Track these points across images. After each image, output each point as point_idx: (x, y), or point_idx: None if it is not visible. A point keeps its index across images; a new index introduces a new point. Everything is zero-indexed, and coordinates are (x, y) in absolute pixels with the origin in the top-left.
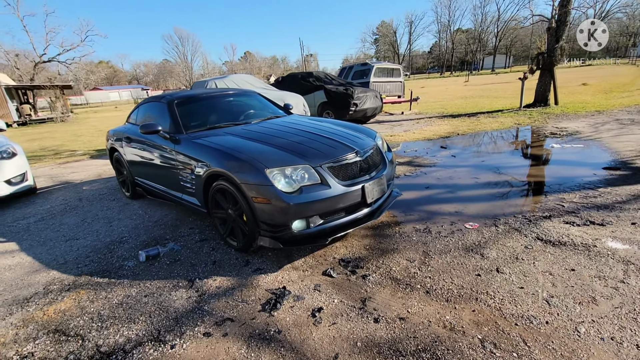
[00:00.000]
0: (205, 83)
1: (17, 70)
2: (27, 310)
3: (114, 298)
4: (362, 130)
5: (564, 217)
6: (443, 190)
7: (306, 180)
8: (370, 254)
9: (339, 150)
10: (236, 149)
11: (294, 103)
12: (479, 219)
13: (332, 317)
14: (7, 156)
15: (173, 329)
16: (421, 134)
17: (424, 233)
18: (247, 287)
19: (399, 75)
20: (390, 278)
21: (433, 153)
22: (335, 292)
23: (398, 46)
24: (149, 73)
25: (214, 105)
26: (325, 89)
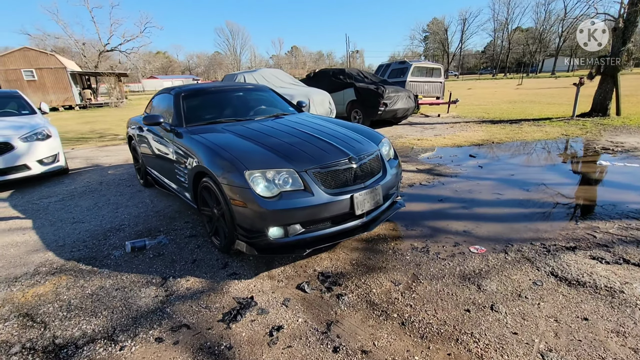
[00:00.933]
0: (235, 76)
1: (84, 58)
2: (11, 290)
3: (88, 288)
4: (367, 134)
5: (592, 250)
6: (457, 205)
7: (289, 185)
8: (354, 270)
9: (331, 155)
10: (224, 147)
11: (319, 100)
12: (488, 242)
13: (289, 339)
14: (41, 137)
15: (129, 329)
16: (452, 140)
17: (421, 252)
18: (216, 292)
19: (439, 76)
20: (367, 301)
21: (458, 162)
22: (303, 310)
23: (448, 45)
24: (200, 64)
25: (221, 99)
26: (355, 86)
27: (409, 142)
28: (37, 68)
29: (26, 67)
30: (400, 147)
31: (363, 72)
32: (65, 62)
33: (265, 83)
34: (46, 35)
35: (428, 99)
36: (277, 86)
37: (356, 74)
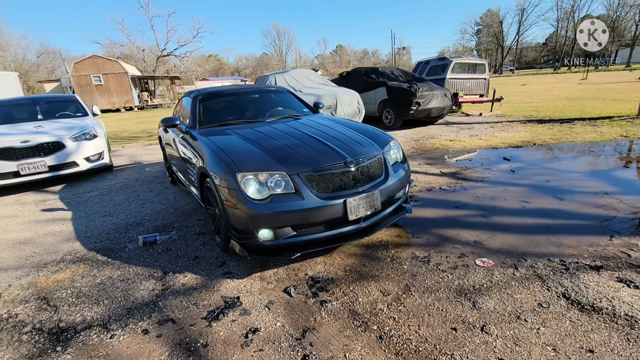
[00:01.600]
0: (266, 78)
1: (144, 63)
2: (38, 275)
3: (98, 277)
4: (373, 137)
5: (622, 271)
6: (474, 213)
7: (281, 188)
8: (346, 277)
9: (327, 158)
10: (225, 149)
11: (346, 100)
12: (499, 255)
13: (262, 342)
14: (89, 137)
15: (122, 318)
16: (487, 141)
17: (420, 262)
18: (208, 289)
19: (483, 72)
20: (350, 310)
21: (489, 165)
22: (284, 314)
23: (503, 38)
24: (248, 66)
25: (236, 102)
26: (387, 85)
27: (440, 143)
28: (104, 73)
29: (95, 72)
30: (429, 149)
31: (397, 70)
32: (127, 68)
33: (295, 84)
34: (113, 44)
35: (470, 96)
36: (307, 86)
37: (389, 73)
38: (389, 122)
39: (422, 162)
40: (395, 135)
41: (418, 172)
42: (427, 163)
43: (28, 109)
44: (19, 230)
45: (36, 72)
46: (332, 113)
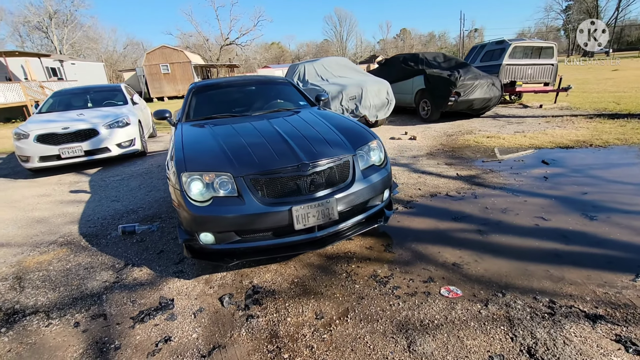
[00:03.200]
0: (296, 67)
1: (209, 52)
2: (29, 254)
3: (70, 263)
4: (352, 136)
5: (627, 327)
6: (472, 228)
7: (226, 190)
8: (288, 290)
9: (281, 160)
10: (188, 145)
11: (374, 91)
12: (475, 284)
13: (168, 354)
14: (121, 125)
15: (64, 308)
16: (532, 139)
17: (377, 283)
18: (152, 287)
19: (550, 57)
20: (272, 331)
21: (520, 169)
22: (205, 325)
23: (598, 14)
24: (309, 52)
25: (230, 94)
26: (426, 73)
27: (475, 140)
28: (171, 63)
29: (163, 62)
30: (459, 146)
31: (441, 57)
32: (191, 57)
33: (323, 72)
34: (184, 35)
35: (532, 85)
36: (336, 75)
37: (431, 59)
38: (425, 114)
39: (442, 161)
40: (428, 130)
41: (431, 174)
42: (447, 163)
43: (82, 98)
44: (43, 209)
45: (122, 62)
46: (356, 104)
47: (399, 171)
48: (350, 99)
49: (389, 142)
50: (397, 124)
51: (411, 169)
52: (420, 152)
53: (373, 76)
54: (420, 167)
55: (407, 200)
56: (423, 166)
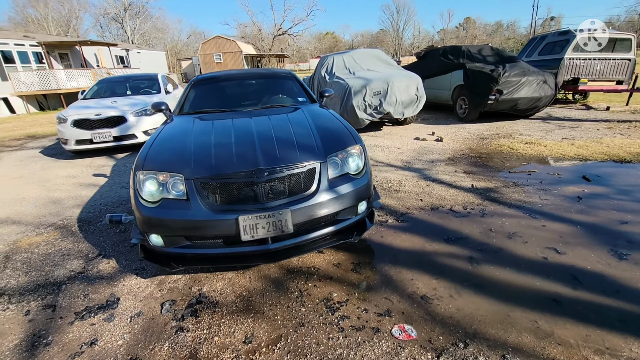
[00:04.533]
0: (326, 58)
1: (262, 42)
2: (27, 235)
3: (53, 247)
4: (330, 140)
5: None
6: (463, 253)
7: (177, 192)
8: (232, 304)
9: (238, 163)
10: (159, 141)
11: (402, 86)
12: (437, 326)
13: (87, 359)
14: (149, 113)
15: (25, 294)
16: (582, 149)
17: (327, 309)
18: (110, 282)
19: (627, 50)
20: (193, 351)
21: (552, 184)
22: (135, 333)
23: None
24: (363, 43)
25: (228, 88)
26: (466, 68)
27: (510, 145)
28: (223, 52)
29: (216, 51)
30: (489, 152)
31: (488, 49)
32: (242, 47)
33: (352, 65)
34: (239, 24)
35: (601, 83)
36: (364, 68)
37: (475, 52)
38: (462, 113)
39: (461, 168)
40: (461, 131)
41: (442, 183)
42: (466, 171)
43: (122, 86)
44: (63, 190)
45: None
46: (380, 100)
47: (407, 177)
48: (374, 95)
49: (410, 143)
50: (430, 122)
51: (422, 175)
52: (441, 156)
53: (404, 70)
54: (433, 174)
55: (403, 212)
56: (437, 173)
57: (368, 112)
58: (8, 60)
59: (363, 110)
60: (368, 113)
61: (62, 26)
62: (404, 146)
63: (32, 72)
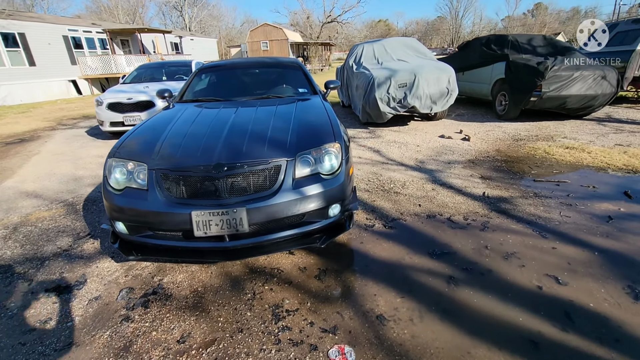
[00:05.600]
0: (356, 47)
1: (310, 30)
2: (39, 209)
3: (54, 223)
4: (304, 135)
5: None
6: (444, 271)
7: (140, 181)
8: (183, 300)
9: (200, 157)
10: (141, 129)
11: (431, 79)
12: (379, 353)
13: (36, 337)
14: None
15: (13, 265)
16: (634, 159)
17: (272, 316)
18: (86, 263)
19: None
20: (129, 342)
21: (581, 199)
22: (85, 317)
23: None
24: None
25: (229, 77)
26: (508, 60)
27: (547, 149)
28: (270, 40)
29: (263, 39)
30: (522, 155)
31: (540, 39)
32: (289, 34)
33: (381, 54)
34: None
35: None
36: (394, 58)
37: (524, 42)
38: (502, 110)
39: (479, 173)
40: (496, 130)
41: (450, 187)
42: (483, 176)
43: (159, 71)
44: (88, 169)
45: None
46: (405, 93)
47: (414, 178)
48: (399, 87)
49: (433, 141)
50: (464, 118)
51: (432, 177)
52: (461, 157)
53: (437, 62)
54: (444, 177)
55: (394, 218)
56: (449, 176)
57: (391, 106)
58: (78, 45)
59: (386, 104)
60: (391, 106)
61: (130, 14)
62: (424, 144)
63: (97, 57)
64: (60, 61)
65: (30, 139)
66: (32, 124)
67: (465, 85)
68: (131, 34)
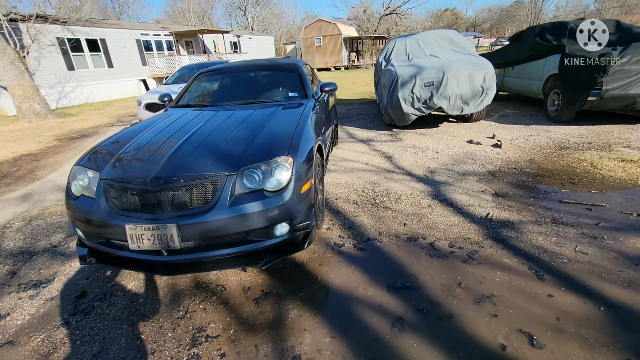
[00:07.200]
0: (389, 43)
1: (368, 23)
2: (58, 204)
3: (59, 219)
4: (256, 147)
5: None
6: (395, 311)
7: (93, 190)
8: (119, 311)
9: (142, 169)
10: (118, 137)
11: (462, 77)
12: None
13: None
14: None
15: (8, 257)
16: None
17: (188, 341)
18: (63, 261)
19: None
20: (52, 350)
21: (614, 229)
22: (36, 315)
23: None
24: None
25: (225, 81)
26: (564, 51)
27: (597, 162)
28: (323, 35)
29: (317, 35)
30: (559, 168)
31: (612, 26)
32: (342, 29)
33: (413, 49)
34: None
35: None
36: (427, 54)
37: (588, 30)
38: (554, 111)
39: (493, 188)
40: (541, 135)
41: (450, 205)
42: (497, 193)
43: None
44: None
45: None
46: (432, 92)
47: (413, 192)
48: (425, 86)
49: (458, 147)
50: (508, 120)
51: (434, 191)
52: (482, 168)
53: (474, 57)
54: (448, 192)
55: (370, 238)
56: (455, 191)
57: (416, 106)
58: (147, 48)
59: (410, 104)
60: (416, 107)
61: (200, 16)
62: (445, 150)
63: (164, 57)
64: (133, 62)
65: (90, 135)
66: (98, 120)
67: (514, 82)
68: (194, 35)
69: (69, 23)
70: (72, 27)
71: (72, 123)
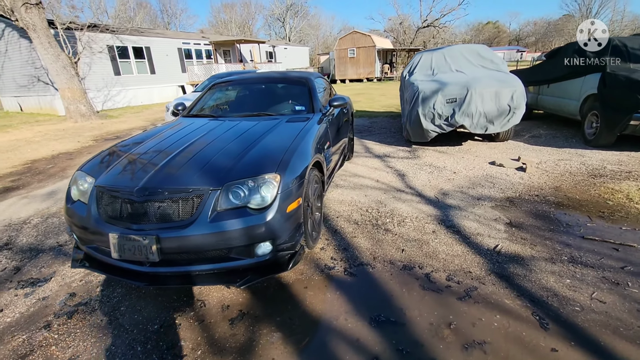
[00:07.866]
0: (415, 57)
1: (404, 35)
2: None
3: None
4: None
5: None
6: (372, 349)
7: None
8: (99, 317)
9: (131, 179)
10: (124, 144)
11: (487, 95)
12: None
13: None
14: None
15: (18, 252)
16: None
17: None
18: (64, 262)
19: None
20: (29, 350)
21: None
22: (25, 315)
23: None
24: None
25: (237, 93)
26: (605, 70)
27: (633, 195)
28: (357, 47)
29: (350, 46)
30: (588, 199)
31: None
32: (377, 41)
33: (439, 64)
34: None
35: None
36: (452, 69)
37: (633, 47)
38: (592, 134)
39: (508, 217)
40: (574, 159)
41: (456, 233)
42: (512, 222)
43: None
44: None
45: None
46: (454, 109)
47: (420, 215)
48: (447, 102)
49: (477, 168)
50: (539, 142)
51: (442, 216)
52: (500, 193)
53: (503, 74)
54: (457, 218)
55: (363, 262)
56: (465, 217)
57: (436, 123)
58: (187, 56)
59: (430, 120)
60: (436, 124)
61: (241, 27)
62: (463, 171)
63: (202, 65)
64: (174, 69)
65: (123, 137)
66: (135, 123)
67: (549, 100)
68: (232, 45)
69: (118, 32)
70: (121, 36)
71: (110, 125)
